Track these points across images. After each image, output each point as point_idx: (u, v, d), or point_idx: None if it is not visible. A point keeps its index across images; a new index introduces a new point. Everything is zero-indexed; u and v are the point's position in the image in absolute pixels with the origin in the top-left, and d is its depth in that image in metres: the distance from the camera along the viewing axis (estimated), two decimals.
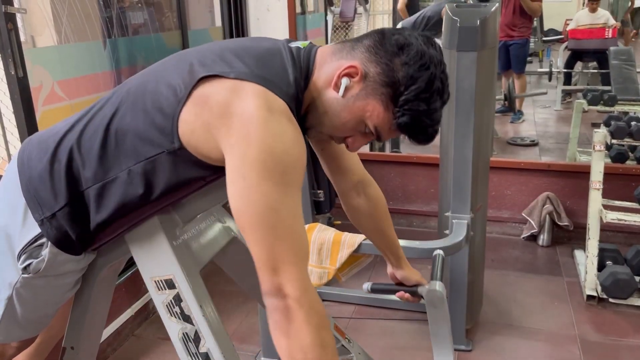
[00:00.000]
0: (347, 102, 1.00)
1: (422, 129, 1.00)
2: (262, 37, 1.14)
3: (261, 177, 0.90)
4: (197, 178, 1.05)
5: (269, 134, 0.91)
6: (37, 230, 1.08)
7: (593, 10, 5.88)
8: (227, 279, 1.47)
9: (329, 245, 2.00)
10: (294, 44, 1.07)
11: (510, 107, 5.00)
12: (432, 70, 0.98)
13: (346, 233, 2.01)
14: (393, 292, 1.44)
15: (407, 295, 1.42)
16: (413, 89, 0.97)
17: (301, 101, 1.04)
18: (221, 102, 0.94)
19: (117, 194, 1.04)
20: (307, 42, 1.09)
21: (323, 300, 2.54)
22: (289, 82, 1.00)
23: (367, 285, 1.48)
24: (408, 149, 4.47)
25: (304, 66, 1.03)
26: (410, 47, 0.98)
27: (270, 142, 0.90)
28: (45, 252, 1.09)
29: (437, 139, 1.09)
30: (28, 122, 1.84)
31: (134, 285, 2.35)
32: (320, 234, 2.05)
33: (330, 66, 1.03)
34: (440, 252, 1.54)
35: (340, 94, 1.00)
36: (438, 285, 1.40)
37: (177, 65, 1.03)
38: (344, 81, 1.00)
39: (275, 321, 0.91)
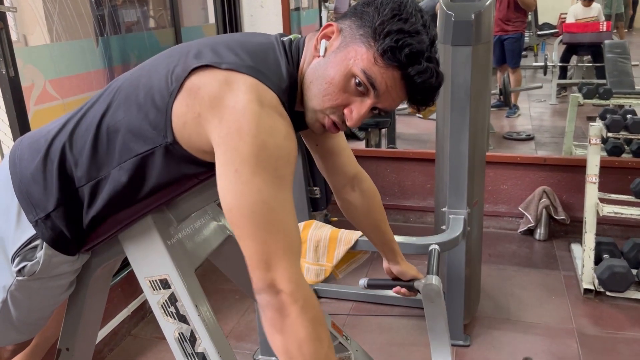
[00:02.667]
0: (329, 58, 0.99)
1: (411, 55, 0.93)
2: (255, 32, 1.13)
3: (254, 172, 0.89)
4: (190, 175, 1.04)
5: (262, 128, 0.89)
6: (32, 231, 1.07)
7: (586, 5, 5.92)
8: (223, 277, 1.46)
9: (325, 242, 1.99)
10: (285, 38, 1.07)
11: (506, 102, 5.01)
12: (403, 0, 0.97)
13: (343, 230, 2.00)
14: (390, 287, 1.44)
15: (403, 290, 1.42)
16: (387, 12, 0.95)
17: (295, 93, 1.03)
18: (213, 93, 0.93)
19: (107, 191, 1.03)
20: (298, 36, 1.08)
21: (320, 297, 2.54)
22: (281, 74, 0.99)
23: (363, 282, 1.49)
24: (404, 144, 4.47)
25: (295, 57, 1.03)
26: None
27: (264, 137, 0.89)
28: (40, 254, 1.08)
29: (434, 138, 1.06)
30: (20, 122, 1.83)
31: (130, 285, 2.34)
32: (316, 231, 2.04)
33: (313, 42, 1.03)
34: (436, 246, 1.53)
35: (321, 53, 1.00)
36: (434, 280, 1.40)
37: (169, 59, 1.02)
38: (323, 42, 1.00)
39: (270, 318, 0.90)
